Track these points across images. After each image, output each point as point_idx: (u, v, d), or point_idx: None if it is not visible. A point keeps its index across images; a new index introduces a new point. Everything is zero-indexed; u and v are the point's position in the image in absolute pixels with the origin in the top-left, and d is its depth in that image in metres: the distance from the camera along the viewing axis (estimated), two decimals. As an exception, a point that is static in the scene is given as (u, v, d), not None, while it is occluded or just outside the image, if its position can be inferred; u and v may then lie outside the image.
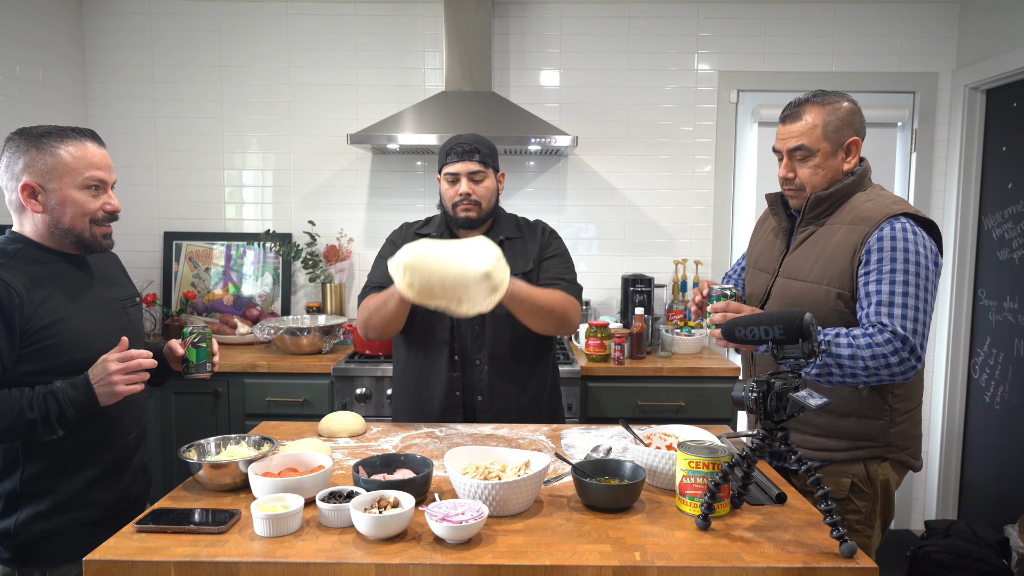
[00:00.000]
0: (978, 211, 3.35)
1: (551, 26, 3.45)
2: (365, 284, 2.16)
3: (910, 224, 1.66)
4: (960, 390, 3.44)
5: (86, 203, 1.54)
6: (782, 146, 1.79)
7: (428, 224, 2.20)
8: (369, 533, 1.27)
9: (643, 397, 2.93)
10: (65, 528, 1.56)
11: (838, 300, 1.70)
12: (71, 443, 1.55)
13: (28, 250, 1.55)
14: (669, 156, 3.50)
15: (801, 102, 1.77)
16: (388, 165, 3.52)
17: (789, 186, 1.81)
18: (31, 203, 1.52)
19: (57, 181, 1.51)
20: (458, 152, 2.04)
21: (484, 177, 2.05)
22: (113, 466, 1.64)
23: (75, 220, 1.54)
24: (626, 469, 1.50)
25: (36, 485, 1.53)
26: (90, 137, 1.57)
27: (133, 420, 1.70)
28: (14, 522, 1.52)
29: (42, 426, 1.44)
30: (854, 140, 1.75)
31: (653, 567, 1.20)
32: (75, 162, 1.52)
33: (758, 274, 1.94)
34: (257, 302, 3.51)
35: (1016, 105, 3.12)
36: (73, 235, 1.56)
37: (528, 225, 2.21)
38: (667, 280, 3.49)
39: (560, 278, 2.09)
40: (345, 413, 1.97)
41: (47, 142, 1.51)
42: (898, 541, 3.34)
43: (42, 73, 3.17)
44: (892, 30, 3.42)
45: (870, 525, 1.76)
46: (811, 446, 1.76)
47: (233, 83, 3.48)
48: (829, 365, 1.62)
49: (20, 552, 1.54)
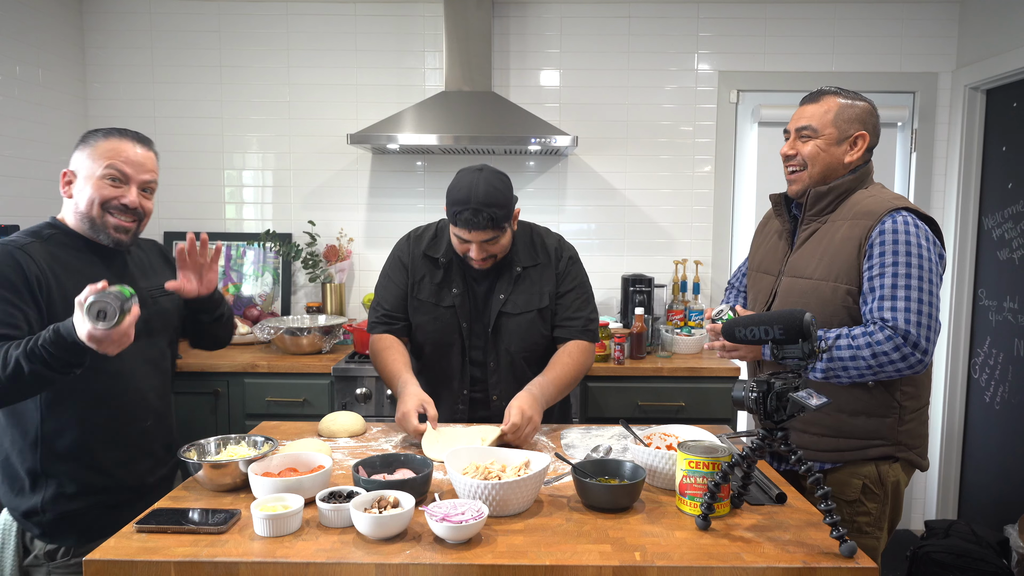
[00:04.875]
0: (978, 211, 3.35)
1: (551, 26, 3.45)
2: (375, 304, 2.11)
3: (912, 217, 1.66)
4: (960, 390, 3.44)
5: (101, 189, 1.60)
6: (792, 125, 1.81)
7: (436, 243, 2.06)
8: (369, 533, 1.27)
9: (643, 397, 2.93)
10: (87, 509, 1.62)
11: (847, 296, 1.69)
12: (85, 429, 1.61)
13: (61, 236, 1.63)
14: (669, 156, 3.50)
15: (824, 90, 1.80)
16: (388, 165, 3.52)
17: (790, 163, 1.81)
18: (64, 189, 1.63)
19: (85, 169, 1.61)
20: (466, 220, 1.84)
21: (499, 237, 1.91)
22: (130, 452, 1.69)
23: (88, 205, 1.61)
24: (626, 469, 1.50)
25: (54, 467, 1.60)
26: (134, 137, 1.66)
27: (147, 408, 1.73)
28: (41, 499, 1.59)
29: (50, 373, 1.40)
30: (862, 134, 1.76)
31: (653, 567, 1.20)
32: (103, 153, 1.61)
33: (762, 277, 1.93)
34: (257, 302, 3.51)
35: (1016, 105, 3.12)
36: (87, 220, 1.62)
37: (544, 246, 2.08)
38: (667, 280, 3.49)
39: (574, 318, 2.04)
40: (345, 413, 1.97)
41: (94, 137, 1.63)
42: (898, 541, 3.34)
43: (42, 73, 3.17)
44: (892, 30, 3.42)
45: (879, 527, 1.76)
46: (822, 447, 1.75)
47: (233, 83, 3.48)
48: (834, 368, 1.63)
49: (49, 528, 1.61)
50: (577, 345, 2.03)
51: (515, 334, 2.02)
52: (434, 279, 2.03)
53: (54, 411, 1.58)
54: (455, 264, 2.03)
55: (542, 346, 2.06)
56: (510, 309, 2.01)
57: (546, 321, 2.05)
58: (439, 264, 2.03)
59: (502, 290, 2.01)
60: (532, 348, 2.04)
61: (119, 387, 1.66)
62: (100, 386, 1.62)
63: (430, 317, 2.03)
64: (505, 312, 2.01)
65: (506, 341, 2.02)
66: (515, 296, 2.02)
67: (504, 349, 2.03)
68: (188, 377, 2.87)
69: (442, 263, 2.02)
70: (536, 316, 2.02)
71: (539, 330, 2.04)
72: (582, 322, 2.05)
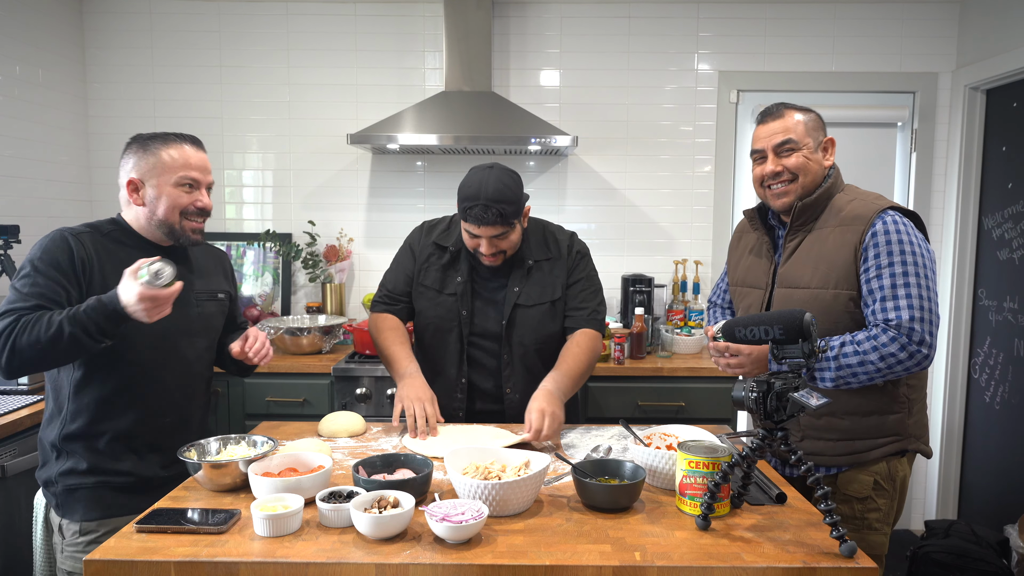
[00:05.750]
0: (978, 211, 3.35)
1: (551, 26, 3.45)
2: (381, 284, 2.18)
3: (899, 216, 1.70)
4: (960, 390, 3.44)
5: (178, 198, 1.71)
6: (767, 143, 1.79)
7: (447, 233, 2.11)
8: (369, 533, 1.27)
9: (643, 397, 2.93)
10: (94, 486, 1.69)
11: (849, 302, 1.71)
12: (101, 413, 1.69)
13: (120, 233, 1.74)
14: (669, 156, 3.50)
15: (781, 105, 1.82)
16: (388, 165, 3.52)
17: (777, 180, 1.78)
18: (133, 196, 1.72)
19: (156, 178, 1.70)
20: (476, 215, 1.89)
21: (509, 232, 1.96)
22: (145, 443, 1.74)
23: (168, 213, 1.71)
24: (626, 469, 1.50)
25: (70, 443, 1.68)
26: (190, 141, 1.77)
27: (171, 405, 1.78)
28: (56, 471, 1.69)
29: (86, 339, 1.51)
30: (830, 139, 1.82)
31: (653, 567, 1.20)
32: (172, 162, 1.71)
33: (748, 291, 1.93)
34: (257, 302, 3.51)
35: (1016, 105, 3.12)
36: (166, 226, 1.73)
37: (555, 241, 2.12)
38: (667, 280, 3.49)
39: (581, 307, 2.08)
40: (345, 413, 1.97)
41: (152, 144, 1.72)
42: (898, 541, 3.34)
43: (42, 73, 3.17)
44: (892, 30, 3.42)
45: (887, 523, 1.78)
46: (838, 451, 1.76)
47: (233, 83, 3.48)
48: (844, 376, 1.64)
49: (61, 499, 1.70)
50: (585, 333, 2.05)
51: (529, 326, 2.05)
52: (440, 266, 2.08)
53: (79, 392, 1.68)
54: (464, 254, 2.07)
55: (555, 339, 2.08)
56: (524, 301, 2.05)
57: (558, 313, 2.08)
58: (447, 252, 2.07)
59: (516, 283, 2.05)
60: (546, 340, 2.07)
61: (143, 380, 1.72)
62: (125, 376, 1.69)
63: (432, 303, 2.08)
64: (520, 304, 2.05)
65: (520, 334, 2.05)
66: (528, 288, 2.05)
67: (518, 342, 2.05)
68: (188, 377, 2.87)
69: (451, 251, 2.06)
70: (549, 307, 2.06)
71: (552, 322, 2.07)
72: (589, 311, 2.08)
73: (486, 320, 2.07)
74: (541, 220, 2.19)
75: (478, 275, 2.08)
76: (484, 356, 2.08)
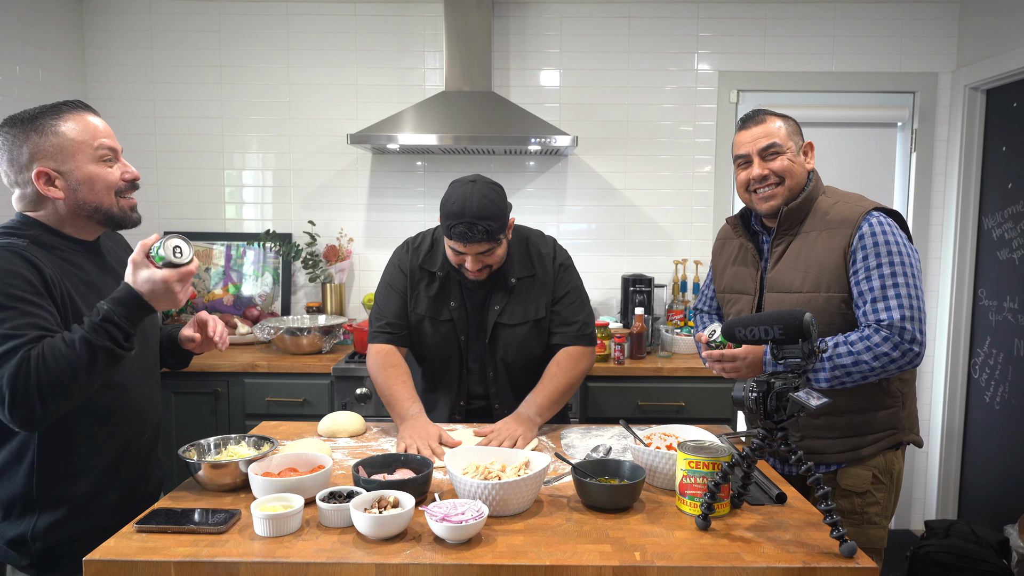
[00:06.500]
0: (978, 211, 3.35)
1: (551, 26, 3.45)
2: (376, 314, 2.08)
3: (883, 217, 1.73)
4: (960, 390, 3.43)
5: (107, 175, 1.45)
6: (751, 148, 1.79)
7: (431, 256, 2.05)
8: (369, 533, 1.27)
9: (643, 397, 2.93)
10: (82, 536, 1.46)
11: (842, 304, 1.73)
12: (85, 444, 1.47)
13: (43, 235, 1.44)
14: (669, 156, 3.50)
15: (760, 111, 1.84)
16: (388, 165, 3.52)
17: (764, 183, 1.79)
18: (51, 190, 1.41)
19: (71, 161, 1.42)
20: (461, 233, 1.82)
21: (495, 248, 1.90)
22: (129, 465, 1.57)
23: (100, 196, 1.45)
24: (626, 469, 1.50)
25: (51, 490, 1.44)
26: (84, 108, 1.47)
27: (148, 419, 1.62)
28: (31, 528, 1.44)
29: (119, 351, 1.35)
30: (809, 143, 1.85)
31: (653, 567, 1.20)
32: (81, 136, 1.43)
33: (737, 297, 1.94)
34: (257, 302, 3.51)
35: (1016, 105, 3.12)
36: (101, 213, 1.47)
37: (539, 256, 2.06)
38: (667, 280, 3.49)
39: (569, 323, 2.04)
40: (345, 413, 1.97)
41: (44, 123, 1.40)
42: (898, 541, 3.34)
43: (42, 73, 3.17)
44: (892, 30, 3.42)
45: (886, 516, 1.82)
46: (839, 449, 1.79)
47: (233, 83, 3.48)
48: (839, 376, 1.66)
49: (39, 559, 1.45)
50: (568, 354, 2.03)
51: (511, 345, 2.03)
52: (431, 293, 2.03)
53: (52, 430, 1.43)
54: (452, 277, 2.03)
55: (539, 355, 2.07)
56: (506, 320, 2.02)
57: (543, 331, 2.06)
58: (436, 277, 2.02)
59: (497, 301, 2.02)
60: (528, 358, 2.06)
61: (123, 399, 1.53)
62: (105, 400, 1.48)
63: (429, 331, 2.04)
64: (501, 323, 2.02)
65: (502, 351, 2.04)
66: (511, 307, 2.02)
67: (500, 359, 2.04)
68: (188, 377, 2.87)
69: (439, 276, 2.02)
70: (532, 327, 2.03)
71: (536, 340, 2.05)
72: (577, 327, 2.05)
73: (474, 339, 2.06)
74: (523, 230, 2.11)
75: (467, 296, 2.04)
76: (470, 377, 2.09)
